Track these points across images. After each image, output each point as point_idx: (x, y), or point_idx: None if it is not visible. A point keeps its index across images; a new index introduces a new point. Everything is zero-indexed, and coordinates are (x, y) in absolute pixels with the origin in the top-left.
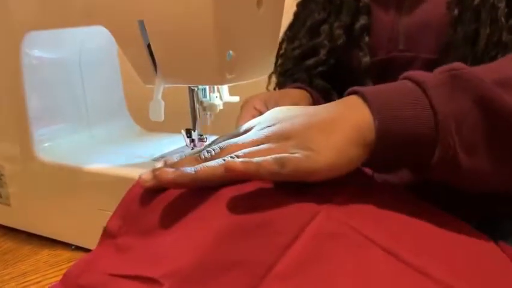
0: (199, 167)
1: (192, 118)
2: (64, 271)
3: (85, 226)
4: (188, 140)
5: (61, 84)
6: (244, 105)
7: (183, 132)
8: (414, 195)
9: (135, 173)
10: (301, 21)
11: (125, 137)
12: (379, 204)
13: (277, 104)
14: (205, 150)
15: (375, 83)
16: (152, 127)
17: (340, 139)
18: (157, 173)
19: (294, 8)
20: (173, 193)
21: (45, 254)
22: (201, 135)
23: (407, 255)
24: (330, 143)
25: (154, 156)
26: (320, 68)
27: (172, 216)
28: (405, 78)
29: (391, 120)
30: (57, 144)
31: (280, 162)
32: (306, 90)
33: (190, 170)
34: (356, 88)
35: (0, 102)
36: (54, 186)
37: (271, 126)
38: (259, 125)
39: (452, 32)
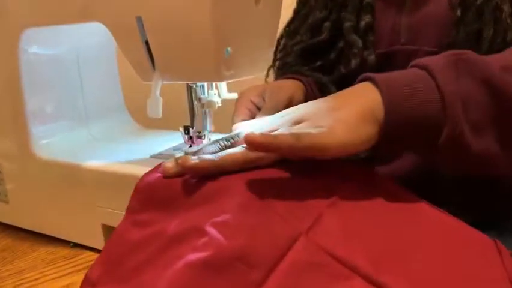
0: (220, 154)
1: (190, 115)
2: (61, 268)
3: (83, 223)
4: (186, 137)
5: (59, 81)
6: (239, 98)
7: (181, 129)
8: (412, 193)
9: (133, 170)
10: (302, 18)
11: (123, 134)
12: (368, 215)
13: (274, 98)
14: (224, 139)
15: None
16: (150, 124)
17: (350, 115)
18: (180, 160)
19: (291, 5)
20: (151, 237)
21: (43, 251)
22: (199, 132)
23: (390, 282)
24: (342, 120)
25: (153, 153)
26: (320, 62)
27: (150, 255)
28: (412, 66)
29: (399, 99)
30: (55, 141)
31: (296, 135)
32: (301, 81)
33: (211, 156)
34: (366, 74)
35: None
36: (53, 184)
37: (283, 117)
38: (274, 117)
39: (455, 33)
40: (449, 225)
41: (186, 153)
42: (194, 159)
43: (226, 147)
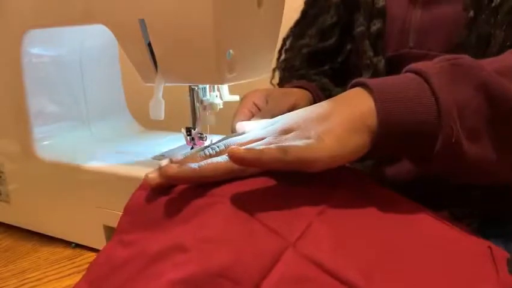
0: (204, 162)
1: (192, 117)
2: (64, 268)
3: (85, 224)
4: (188, 138)
5: (61, 82)
6: (243, 99)
7: (183, 130)
8: (405, 199)
9: (135, 172)
10: (310, 19)
11: (125, 135)
12: (359, 224)
13: (277, 103)
14: (209, 147)
15: None
16: (152, 126)
17: (340, 127)
18: (162, 169)
19: (294, 8)
20: (133, 256)
21: (46, 252)
22: (201, 134)
23: None
24: (330, 131)
25: (154, 155)
26: (327, 67)
27: (132, 275)
28: (407, 71)
29: (393, 105)
30: (57, 142)
31: (283, 149)
32: (309, 91)
33: (194, 165)
34: (359, 79)
35: (1, 100)
36: (54, 184)
37: (274, 124)
38: (262, 126)
39: (466, 34)
40: (442, 233)
41: (171, 161)
42: (173, 167)
43: (211, 156)
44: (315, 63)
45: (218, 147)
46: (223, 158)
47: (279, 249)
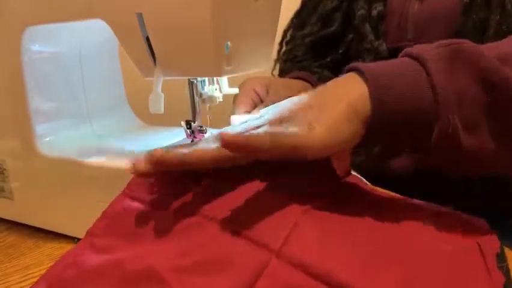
0: (191, 149)
1: (192, 110)
2: None
3: (87, 219)
4: (188, 131)
5: (62, 78)
6: (242, 87)
7: (183, 123)
8: (390, 196)
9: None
10: (310, 8)
11: (126, 130)
12: (345, 222)
13: (277, 90)
14: (202, 140)
15: None
16: (153, 120)
17: (332, 115)
18: (148, 153)
19: (291, 0)
20: (107, 267)
21: (49, 247)
22: (201, 127)
23: None
24: (322, 119)
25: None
26: (329, 58)
27: None
28: (405, 55)
29: (386, 91)
30: (58, 138)
31: (270, 135)
32: (310, 83)
33: (180, 151)
34: (353, 64)
35: (1, 97)
36: (57, 180)
37: (267, 113)
38: (255, 116)
39: (463, 20)
40: (431, 232)
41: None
42: (159, 151)
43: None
44: (317, 53)
45: (210, 137)
46: (209, 145)
47: (261, 263)
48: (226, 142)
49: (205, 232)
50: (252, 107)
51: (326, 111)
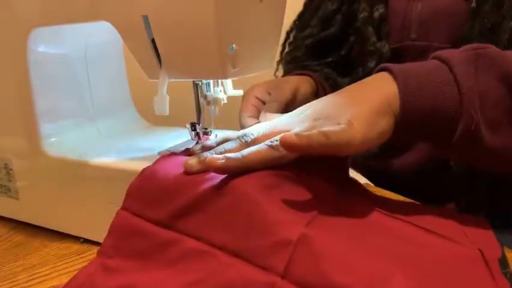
0: (246, 152)
1: (197, 112)
2: (72, 263)
3: (93, 219)
4: (193, 133)
5: (67, 79)
6: (245, 96)
7: (188, 125)
8: (396, 202)
9: (141, 167)
10: (312, 10)
11: (131, 131)
12: (349, 232)
13: (279, 91)
14: (242, 135)
15: None
16: (157, 121)
17: (368, 111)
18: (207, 159)
19: (296, 1)
20: None
21: (55, 247)
22: (206, 129)
23: None
24: (359, 115)
25: (160, 150)
26: (330, 58)
27: None
28: (433, 58)
29: (415, 90)
30: (64, 138)
31: (324, 134)
32: (310, 76)
33: (236, 155)
34: (383, 64)
35: (8, 98)
36: (62, 180)
37: (302, 113)
38: (290, 115)
39: (470, 25)
40: (434, 240)
41: (203, 147)
42: (219, 158)
43: (248, 144)
44: (318, 54)
45: (252, 134)
46: (261, 147)
47: (269, 282)
48: (289, 144)
49: (214, 259)
50: (256, 112)
51: (361, 108)
